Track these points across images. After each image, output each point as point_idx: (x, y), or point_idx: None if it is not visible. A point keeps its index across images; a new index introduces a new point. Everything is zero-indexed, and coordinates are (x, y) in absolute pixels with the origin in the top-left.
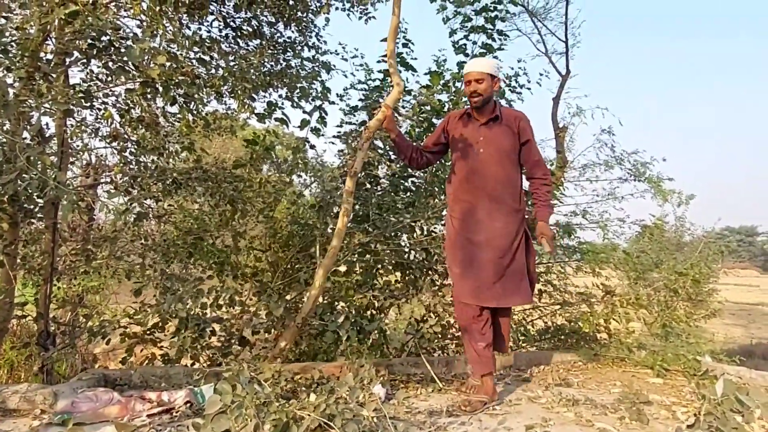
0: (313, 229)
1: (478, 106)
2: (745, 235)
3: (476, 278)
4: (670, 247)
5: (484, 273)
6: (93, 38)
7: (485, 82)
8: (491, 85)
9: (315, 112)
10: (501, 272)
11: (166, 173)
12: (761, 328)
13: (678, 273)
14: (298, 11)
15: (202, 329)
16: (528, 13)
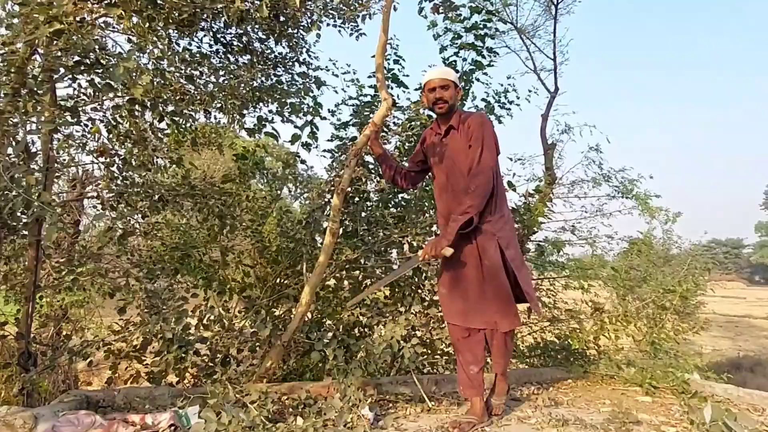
0: (301, 245)
1: (444, 113)
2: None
3: (463, 298)
4: (658, 261)
5: (470, 292)
6: (79, 55)
7: (450, 89)
8: (455, 94)
9: (306, 127)
10: (487, 290)
11: (153, 189)
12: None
13: (666, 290)
14: (289, 27)
15: (186, 351)
16: (517, 31)
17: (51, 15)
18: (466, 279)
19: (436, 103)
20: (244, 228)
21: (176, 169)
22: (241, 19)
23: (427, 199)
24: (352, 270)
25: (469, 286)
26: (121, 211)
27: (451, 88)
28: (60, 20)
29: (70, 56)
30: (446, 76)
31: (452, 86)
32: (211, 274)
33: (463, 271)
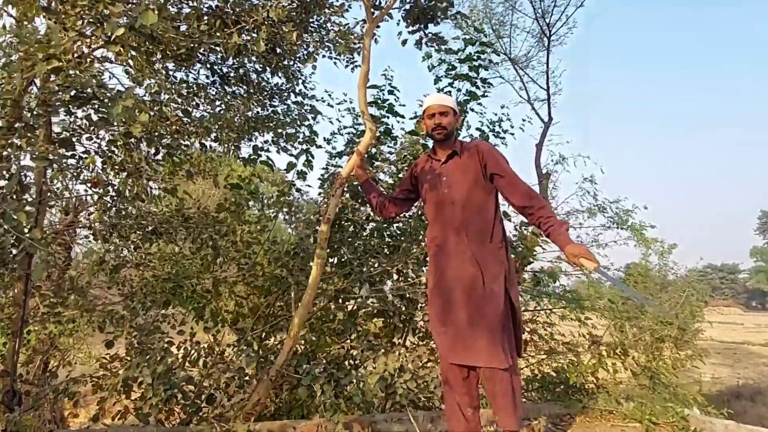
0: (289, 276)
1: (442, 140)
2: (727, 272)
3: (453, 332)
4: (655, 289)
5: (459, 326)
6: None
7: (450, 115)
8: (454, 120)
9: (301, 156)
10: (477, 325)
11: (147, 221)
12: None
13: (663, 322)
14: (286, 59)
15: (171, 393)
16: (510, 61)
17: (49, 53)
18: (454, 309)
19: (435, 129)
20: (238, 257)
21: (170, 198)
22: (238, 52)
23: (421, 229)
24: (344, 300)
25: (457, 318)
26: (113, 242)
27: (450, 114)
28: (59, 57)
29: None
30: (445, 102)
31: (451, 113)
32: (203, 304)
33: (451, 302)
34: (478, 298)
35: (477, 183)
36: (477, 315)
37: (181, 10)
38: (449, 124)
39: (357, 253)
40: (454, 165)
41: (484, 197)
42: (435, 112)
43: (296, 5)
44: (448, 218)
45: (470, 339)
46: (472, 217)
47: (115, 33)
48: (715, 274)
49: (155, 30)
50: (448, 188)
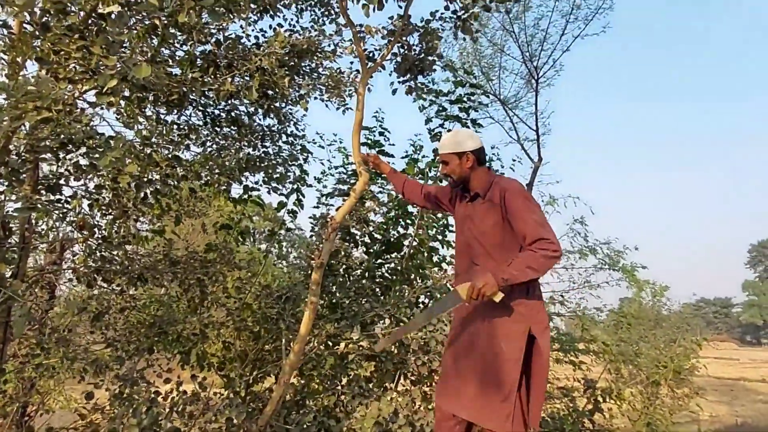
0: (280, 321)
1: (455, 185)
2: (720, 306)
3: (445, 374)
4: (648, 325)
5: (453, 371)
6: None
7: (452, 162)
8: (460, 163)
9: (292, 195)
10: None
11: (132, 265)
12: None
13: (658, 365)
14: (277, 102)
15: None
16: (500, 102)
17: (39, 105)
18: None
19: (445, 177)
20: (225, 299)
21: (158, 239)
22: (230, 96)
23: (412, 270)
24: (335, 344)
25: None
26: (98, 287)
27: (452, 161)
28: (48, 108)
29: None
30: (446, 149)
31: (454, 158)
32: (189, 348)
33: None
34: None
35: (496, 228)
36: (476, 366)
37: (174, 54)
38: (453, 171)
39: (349, 295)
40: (475, 207)
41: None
42: (441, 161)
43: (288, 50)
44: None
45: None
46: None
47: (107, 84)
48: (708, 308)
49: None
50: (469, 230)
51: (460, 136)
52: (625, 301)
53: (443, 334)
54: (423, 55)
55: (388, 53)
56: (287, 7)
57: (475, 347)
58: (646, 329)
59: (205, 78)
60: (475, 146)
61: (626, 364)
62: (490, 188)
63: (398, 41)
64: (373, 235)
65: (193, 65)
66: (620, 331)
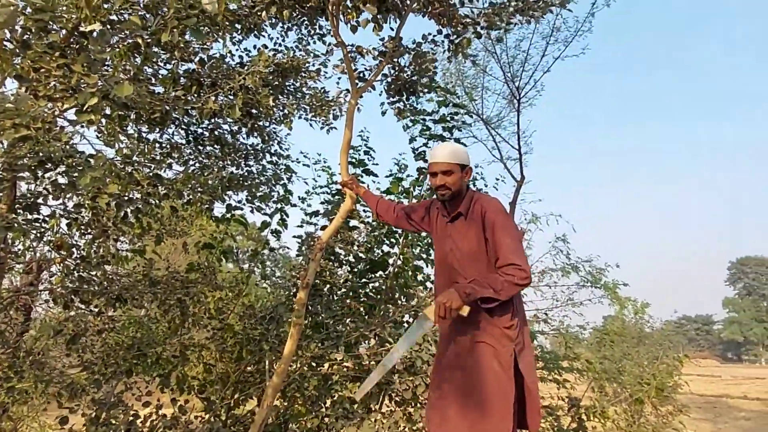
0: (264, 341)
1: (447, 200)
2: (701, 323)
3: (438, 400)
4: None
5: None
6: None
7: (455, 174)
8: (461, 177)
9: (276, 215)
10: (466, 401)
11: (111, 286)
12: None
13: (642, 382)
14: (261, 121)
15: None
16: (483, 122)
17: (17, 123)
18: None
19: (438, 189)
20: (207, 321)
21: (138, 258)
22: (213, 115)
23: (396, 289)
24: (319, 366)
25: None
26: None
27: (456, 172)
28: (27, 126)
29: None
30: (451, 158)
31: (458, 170)
32: (169, 371)
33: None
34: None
35: (477, 248)
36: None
37: (157, 72)
38: (454, 183)
39: (333, 315)
40: (458, 227)
41: (483, 264)
42: (438, 171)
43: (272, 69)
44: (448, 281)
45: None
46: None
47: (88, 102)
48: (690, 325)
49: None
50: (450, 251)
51: (463, 150)
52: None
53: (429, 354)
54: (415, 77)
55: (379, 73)
56: (273, 27)
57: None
58: (629, 347)
59: (188, 96)
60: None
61: (610, 382)
62: (471, 207)
63: (389, 62)
64: (358, 254)
65: (176, 83)
66: (603, 349)
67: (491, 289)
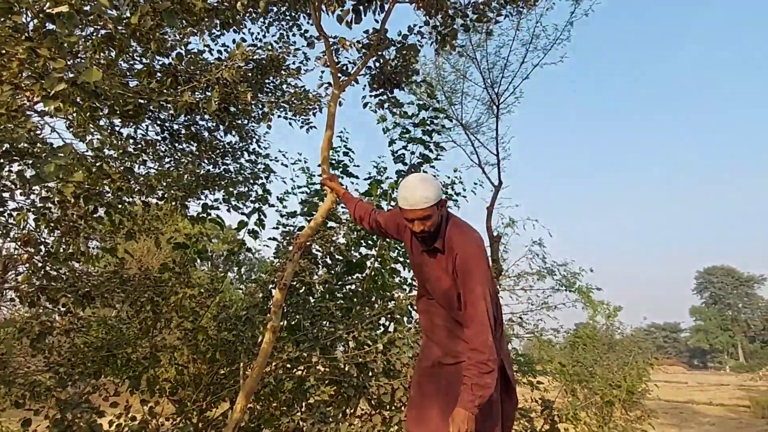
0: (238, 343)
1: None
2: (669, 331)
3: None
4: (603, 348)
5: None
6: (10, 145)
7: (434, 216)
8: (439, 213)
9: (253, 215)
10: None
11: (80, 283)
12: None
13: (612, 385)
14: (239, 118)
15: None
16: (462, 127)
17: None
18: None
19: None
20: (180, 321)
21: (109, 258)
22: (190, 110)
23: (373, 292)
24: (294, 368)
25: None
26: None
27: (433, 214)
28: None
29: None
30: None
31: (435, 210)
32: (139, 373)
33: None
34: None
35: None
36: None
37: (132, 66)
38: (433, 225)
39: (309, 316)
40: (434, 260)
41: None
42: (415, 218)
43: (252, 66)
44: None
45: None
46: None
47: (55, 88)
48: (658, 332)
49: (100, 86)
50: (428, 280)
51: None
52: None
53: (408, 357)
54: (399, 69)
55: (363, 67)
56: (253, 22)
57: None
58: (600, 352)
59: (164, 89)
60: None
61: (581, 386)
62: (445, 243)
63: (373, 55)
64: (335, 255)
65: (151, 76)
66: (576, 353)
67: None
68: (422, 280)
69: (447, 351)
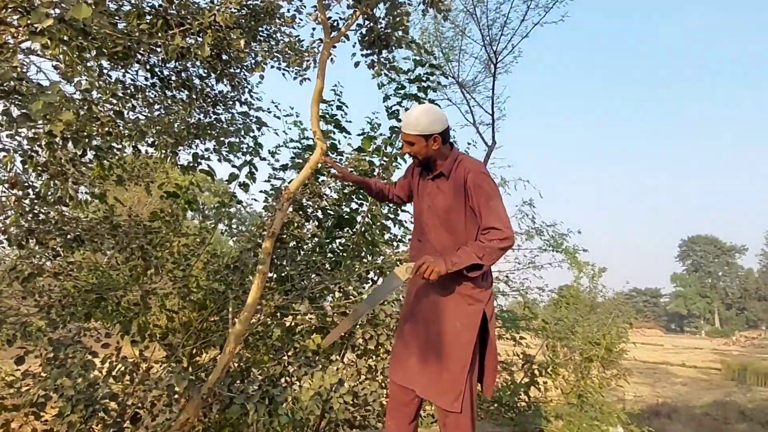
0: (229, 290)
1: (420, 164)
2: (650, 296)
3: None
4: (585, 310)
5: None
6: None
7: (417, 144)
8: (427, 145)
9: (244, 167)
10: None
11: (69, 226)
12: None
13: (591, 342)
14: (232, 67)
15: (92, 410)
16: (458, 85)
17: None
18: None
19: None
20: (172, 269)
21: (99, 204)
22: (181, 55)
23: (363, 246)
24: (283, 316)
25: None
26: (30, 249)
27: (417, 143)
28: None
29: None
30: (412, 130)
31: (420, 141)
32: (130, 318)
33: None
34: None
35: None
36: (430, 343)
37: (121, 7)
38: (419, 152)
39: (298, 269)
40: (438, 185)
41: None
42: (403, 141)
43: (245, 12)
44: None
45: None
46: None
47: (42, 24)
48: (639, 297)
49: (88, 24)
50: (428, 207)
51: (428, 118)
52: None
53: (393, 309)
54: (389, 29)
55: (353, 23)
56: None
57: (431, 326)
58: (582, 313)
59: (154, 31)
60: (442, 128)
61: (562, 344)
62: (454, 167)
63: (363, 12)
64: (326, 209)
65: (141, 18)
66: (558, 311)
67: (476, 257)
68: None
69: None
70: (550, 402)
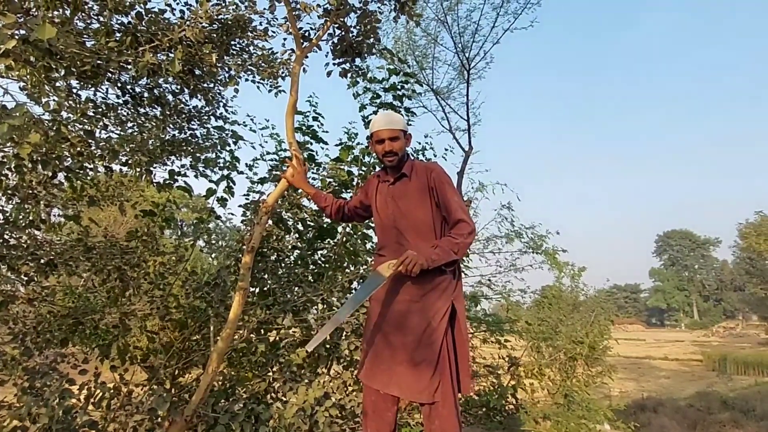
0: (208, 308)
1: (394, 166)
2: (630, 292)
3: (374, 355)
4: (567, 309)
5: (384, 351)
6: None
7: (400, 140)
8: (406, 141)
9: (222, 182)
10: (402, 354)
11: (42, 251)
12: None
13: (575, 341)
14: (205, 81)
15: None
16: (433, 92)
17: None
18: (383, 335)
19: (385, 156)
20: (150, 289)
21: (73, 226)
22: (152, 72)
23: (345, 257)
24: (266, 331)
25: (384, 343)
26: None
27: (401, 138)
28: None
29: None
30: (395, 126)
31: (402, 135)
32: (109, 341)
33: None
34: (408, 330)
35: (423, 207)
36: (404, 344)
37: (89, 25)
38: (400, 149)
39: (281, 282)
40: (401, 187)
41: (428, 222)
42: (385, 138)
43: (216, 27)
44: (392, 241)
45: (395, 365)
46: (415, 243)
47: (6, 45)
48: (620, 293)
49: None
50: (393, 211)
51: (401, 117)
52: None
53: None
54: (361, 37)
55: (324, 33)
56: None
57: (403, 327)
58: (565, 312)
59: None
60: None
61: (546, 344)
62: (413, 169)
63: (335, 21)
64: (306, 221)
65: (109, 36)
66: (541, 312)
67: (452, 253)
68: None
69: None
70: (537, 403)
